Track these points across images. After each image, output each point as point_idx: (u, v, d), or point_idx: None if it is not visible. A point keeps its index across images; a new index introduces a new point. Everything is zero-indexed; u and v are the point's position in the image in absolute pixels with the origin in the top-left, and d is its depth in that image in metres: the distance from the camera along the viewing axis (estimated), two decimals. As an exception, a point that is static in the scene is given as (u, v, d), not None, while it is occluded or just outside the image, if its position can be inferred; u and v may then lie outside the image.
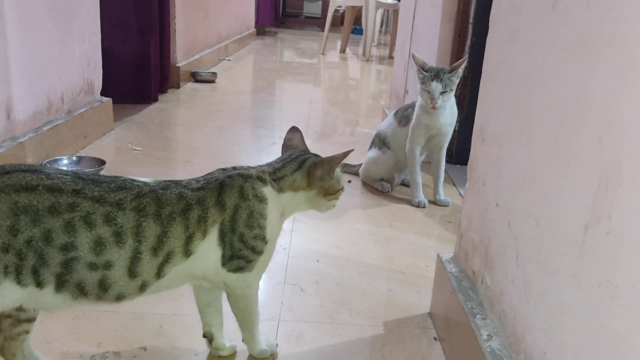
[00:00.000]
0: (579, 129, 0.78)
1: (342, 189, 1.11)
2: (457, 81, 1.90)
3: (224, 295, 1.07)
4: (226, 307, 1.09)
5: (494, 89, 1.13)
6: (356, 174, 2.27)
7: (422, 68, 1.90)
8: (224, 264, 0.97)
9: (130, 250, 0.87)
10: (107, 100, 2.67)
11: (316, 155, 1.09)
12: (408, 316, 1.34)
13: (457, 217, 1.94)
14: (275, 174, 1.04)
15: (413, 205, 2.03)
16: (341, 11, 7.97)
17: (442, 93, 1.87)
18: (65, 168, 2.09)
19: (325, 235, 1.76)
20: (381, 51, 6.92)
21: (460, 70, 1.88)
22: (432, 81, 1.87)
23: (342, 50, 6.55)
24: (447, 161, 2.13)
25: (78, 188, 0.85)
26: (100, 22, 2.61)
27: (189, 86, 3.95)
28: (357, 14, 6.46)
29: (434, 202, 2.07)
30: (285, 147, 1.14)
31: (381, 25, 8.18)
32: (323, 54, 6.27)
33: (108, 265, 0.86)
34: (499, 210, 1.05)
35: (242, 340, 1.13)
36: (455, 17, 2.40)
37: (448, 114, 1.96)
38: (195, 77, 4.11)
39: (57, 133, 2.17)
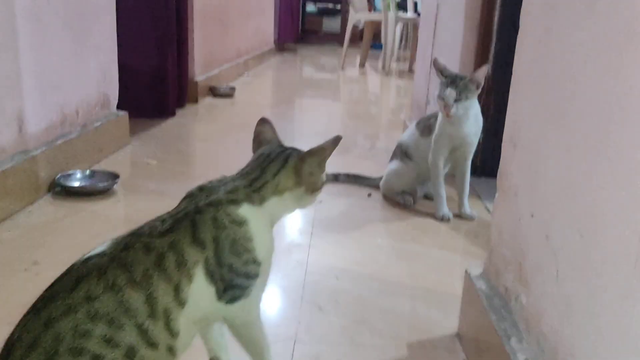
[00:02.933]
0: (627, 129, 0.69)
1: (325, 181, 0.99)
2: (474, 88, 1.80)
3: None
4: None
5: (527, 91, 1.05)
6: (376, 186, 2.18)
7: (442, 73, 1.82)
8: (219, 298, 0.89)
9: (133, 328, 0.78)
10: (124, 114, 2.63)
11: (297, 149, 0.99)
12: (434, 337, 1.25)
13: (484, 232, 1.84)
14: (253, 185, 0.93)
15: (437, 219, 1.94)
16: (360, 27, 7.95)
17: (457, 101, 1.78)
18: (78, 183, 2.05)
19: (345, 250, 1.68)
20: (401, 65, 6.86)
21: (480, 78, 1.79)
22: (447, 88, 1.79)
23: (362, 65, 6.50)
24: (472, 174, 2.03)
25: (51, 316, 0.76)
26: (117, 35, 2.59)
27: (207, 101, 3.91)
28: (376, 30, 6.41)
29: (458, 216, 1.97)
30: (257, 141, 1.03)
31: (400, 41, 8.14)
32: (342, 68, 6.22)
33: (132, 350, 0.78)
34: (535, 221, 0.96)
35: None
36: (478, 25, 2.32)
37: (472, 123, 1.87)
38: (213, 92, 4.08)
39: (71, 147, 2.13)
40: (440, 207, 1.95)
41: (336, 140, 0.95)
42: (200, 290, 0.85)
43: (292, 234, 1.80)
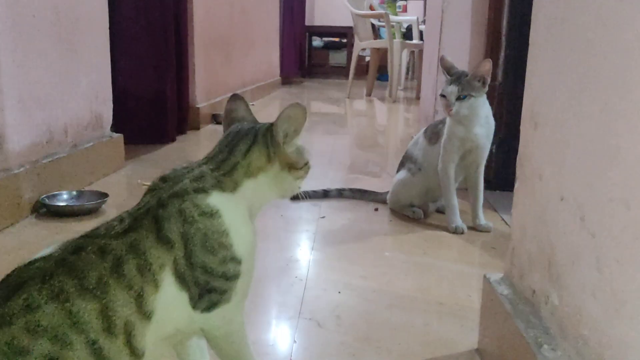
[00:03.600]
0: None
1: (307, 163, 0.86)
2: (479, 85, 1.65)
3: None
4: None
5: (548, 60, 0.91)
6: (383, 202, 2.03)
7: (448, 72, 1.70)
8: (194, 306, 0.75)
9: (84, 346, 0.65)
10: (118, 136, 2.52)
11: (269, 123, 0.86)
12: (450, 354, 1.08)
13: (501, 243, 1.68)
14: (222, 168, 0.80)
15: (450, 232, 1.78)
16: (366, 59, 7.90)
17: (461, 99, 1.65)
18: (64, 203, 1.93)
19: (349, 264, 1.52)
20: (407, 94, 6.77)
21: (483, 72, 1.64)
22: (450, 85, 1.66)
23: (368, 94, 6.42)
24: (486, 187, 1.87)
25: None
26: (114, 58, 2.50)
27: (209, 128, 3.81)
28: (382, 61, 6.32)
29: (473, 228, 1.81)
30: (229, 120, 0.90)
31: (407, 73, 8.07)
32: (349, 97, 6.14)
33: None
34: (565, 204, 0.81)
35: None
36: (486, 30, 2.21)
37: (483, 124, 1.72)
38: (216, 119, 3.99)
39: (58, 167, 2.01)
40: (453, 218, 1.79)
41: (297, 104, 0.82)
42: (169, 298, 0.72)
43: (291, 250, 1.65)
